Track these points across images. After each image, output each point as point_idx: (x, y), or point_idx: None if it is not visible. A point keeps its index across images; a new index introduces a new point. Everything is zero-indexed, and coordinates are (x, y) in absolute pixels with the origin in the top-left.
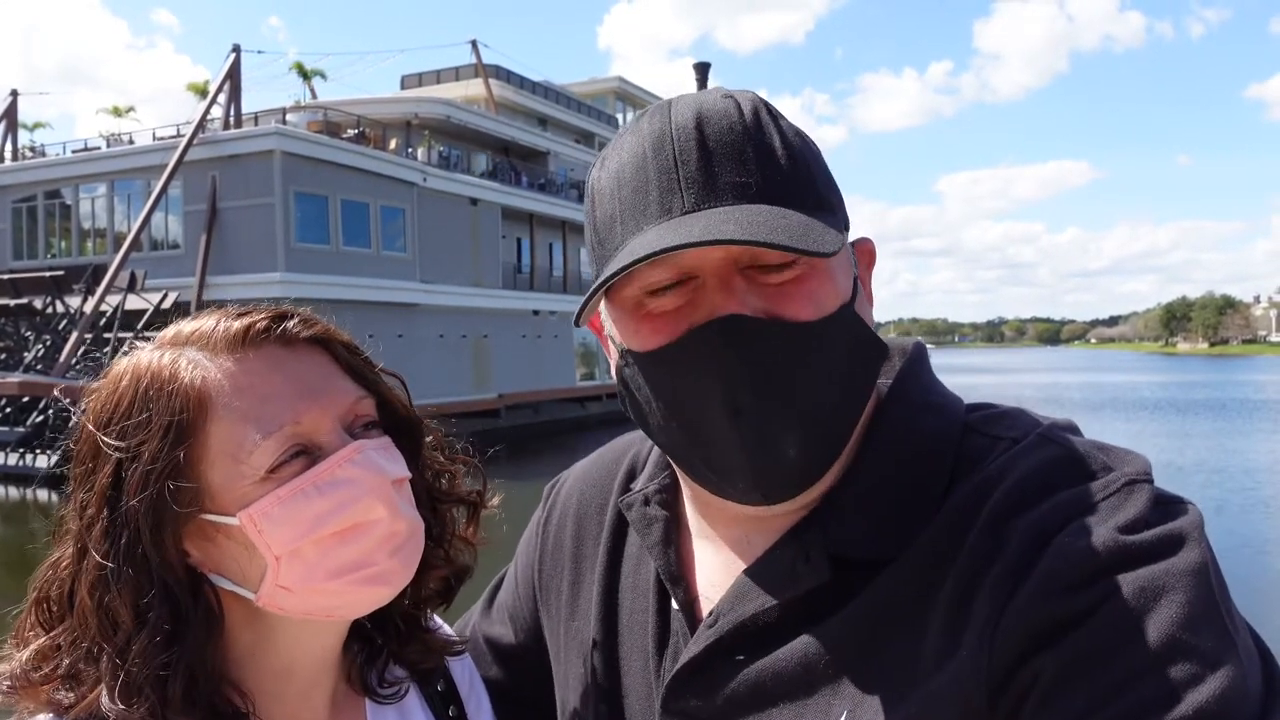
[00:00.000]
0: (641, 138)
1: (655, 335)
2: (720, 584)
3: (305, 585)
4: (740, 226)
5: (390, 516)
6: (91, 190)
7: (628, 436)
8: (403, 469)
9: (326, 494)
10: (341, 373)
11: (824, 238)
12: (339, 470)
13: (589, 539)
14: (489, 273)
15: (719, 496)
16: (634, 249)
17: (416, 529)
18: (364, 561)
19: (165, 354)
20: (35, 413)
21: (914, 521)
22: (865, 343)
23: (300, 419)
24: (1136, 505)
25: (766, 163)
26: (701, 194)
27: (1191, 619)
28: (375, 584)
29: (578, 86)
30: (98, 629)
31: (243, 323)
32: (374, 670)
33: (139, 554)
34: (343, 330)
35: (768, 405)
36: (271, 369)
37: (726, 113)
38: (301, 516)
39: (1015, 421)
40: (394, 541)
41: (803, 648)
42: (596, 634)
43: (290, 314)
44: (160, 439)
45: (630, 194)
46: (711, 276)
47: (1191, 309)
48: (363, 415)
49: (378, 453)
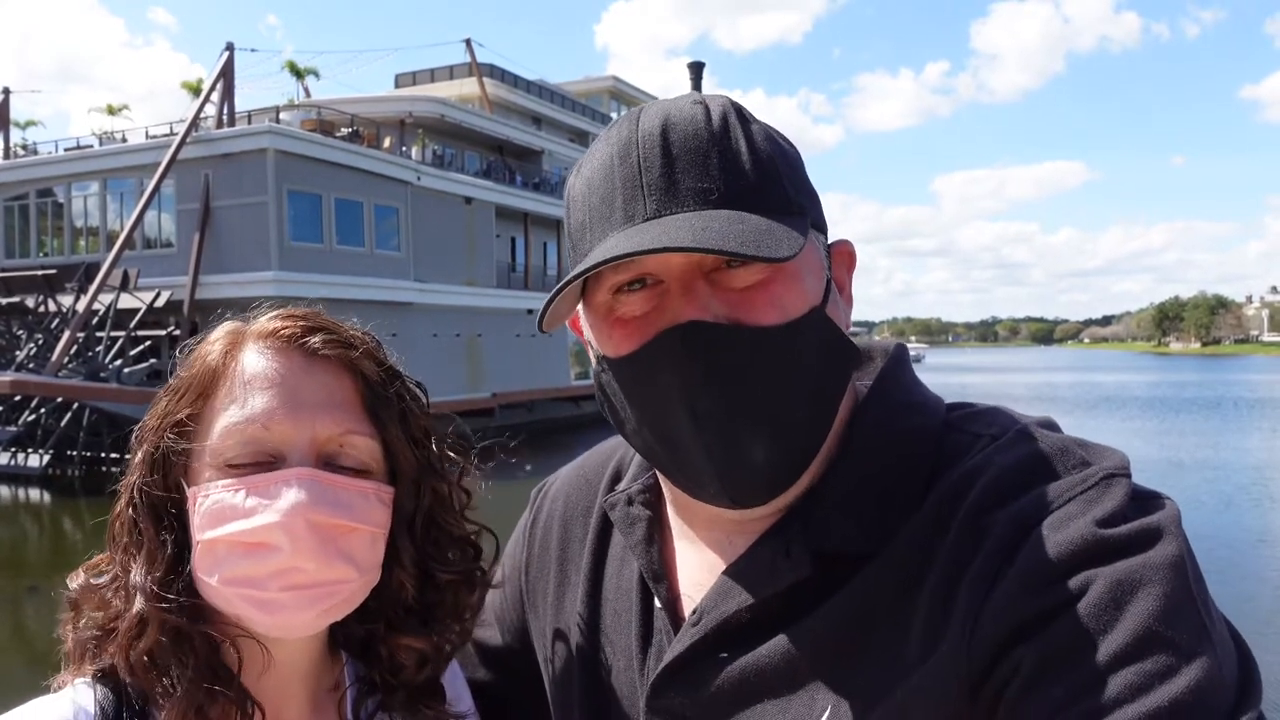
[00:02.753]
0: (610, 145)
1: (625, 341)
2: (702, 583)
3: (209, 579)
4: (693, 233)
5: (292, 552)
6: (84, 189)
7: (613, 440)
8: (349, 516)
9: (246, 503)
10: (355, 402)
11: (781, 242)
12: (269, 487)
13: (575, 541)
14: (483, 272)
15: (694, 499)
16: (595, 255)
17: (335, 578)
18: (255, 582)
19: (219, 332)
20: (27, 412)
21: (895, 516)
22: (835, 347)
23: (270, 427)
24: (1114, 499)
25: (730, 168)
26: (663, 200)
27: (1168, 612)
28: (263, 610)
29: (572, 85)
30: (128, 539)
31: (276, 324)
32: (362, 707)
33: (154, 484)
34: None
35: (727, 411)
36: (281, 373)
37: (693, 119)
38: (220, 513)
39: (994, 419)
40: (291, 578)
41: (786, 644)
42: (581, 634)
43: (323, 329)
44: (178, 398)
45: (598, 201)
46: (675, 282)
47: (1184, 309)
48: (346, 449)
49: (317, 487)
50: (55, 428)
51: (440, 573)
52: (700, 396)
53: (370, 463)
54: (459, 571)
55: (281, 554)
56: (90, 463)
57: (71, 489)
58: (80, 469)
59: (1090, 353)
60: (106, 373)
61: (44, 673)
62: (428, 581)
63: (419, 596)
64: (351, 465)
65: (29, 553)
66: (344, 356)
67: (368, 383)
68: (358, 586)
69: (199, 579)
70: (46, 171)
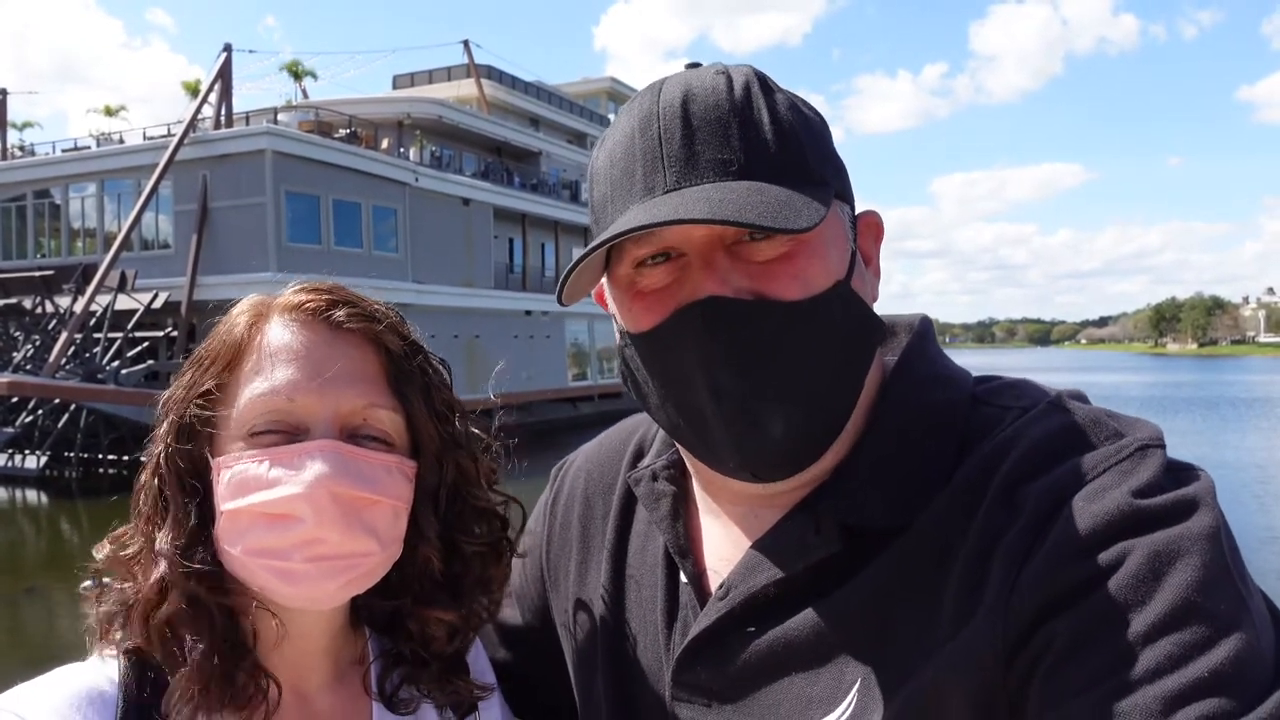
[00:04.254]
0: (632, 118)
1: (647, 315)
2: (729, 557)
3: (232, 550)
4: (710, 204)
5: (315, 523)
6: (81, 190)
7: (635, 418)
8: (371, 489)
9: (270, 474)
10: (378, 375)
11: (801, 213)
12: (293, 459)
13: (597, 518)
14: (481, 273)
15: (718, 473)
16: (615, 228)
17: (358, 550)
18: (278, 553)
19: (244, 304)
20: (24, 413)
21: (925, 490)
22: (860, 320)
23: (295, 399)
24: (1150, 470)
25: (751, 139)
26: (683, 172)
27: (1205, 582)
28: (285, 581)
29: (570, 87)
30: (152, 509)
31: (301, 297)
32: (388, 680)
33: (179, 454)
34: (420, 336)
35: (749, 386)
36: (306, 346)
37: (714, 89)
38: (244, 483)
39: (1024, 391)
40: (315, 549)
41: (815, 617)
42: (605, 610)
43: (347, 302)
44: (203, 370)
45: (620, 174)
46: (696, 255)
47: (1181, 310)
48: (370, 422)
49: (340, 459)
50: (52, 429)
51: (466, 545)
52: (720, 373)
53: (393, 436)
54: (485, 544)
55: (305, 525)
56: (87, 464)
57: (69, 490)
58: (77, 470)
59: (1087, 354)
60: (104, 374)
61: (41, 674)
62: (454, 554)
63: (445, 569)
64: (375, 438)
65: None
66: (368, 330)
67: (391, 356)
68: (380, 559)
69: (222, 549)
70: (44, 172)
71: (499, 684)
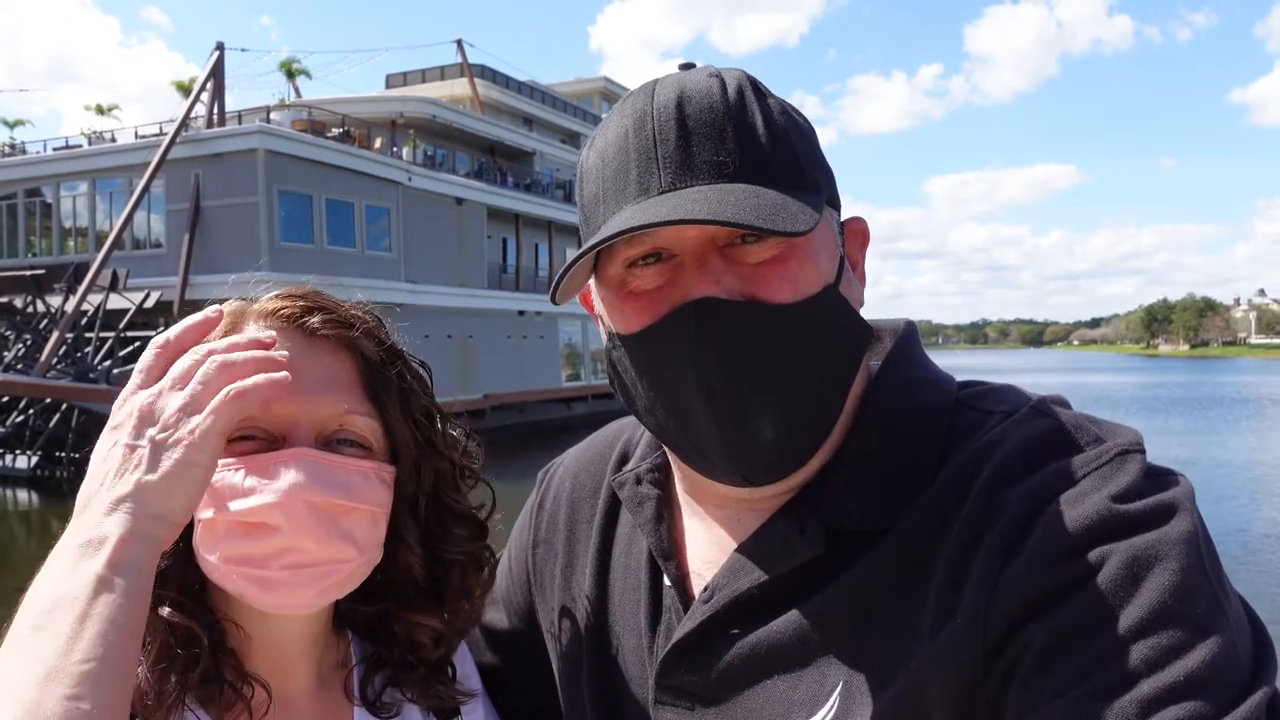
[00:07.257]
0: (625, 118)
1: (638, 316)
2: (712, 560)
3: (210, 557)
4: (708, 206)
5: (291, 532)
6: (73, 188)
7: (620, 422)
8: (348, 495)
9: (245, 483)
10: (354, 382)
11: (797, 217)
12: (268, 467)
13: (582, 522)
14: (474, 273)
15: (705, 477)
16: (609, 228)
17: (335, 557)
18: (256, 561)
19: (227, 307)
20: (15, 413)
21: (908, 493)
22: (848, 325)
23: (270, 407)
24: (1129, 475)
25: (746, 141)
26: (678, 173)
27: (1183, 587)
28: (263, 588)
29: (564, 87)
30: None
31: (276, 304)
32: (370, 684)
33: None
34: (398, 340)
35: (740, 388)
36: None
37: (709, 91)
38: (220, 492)
39: (1006, 396)
40: (291, 557)
41: (798, 619)
42: (589, 613)
43: (322, 309)
44: None
45: (613, 174)
46: (689, 256)
47: (1173, 311)
48: (347, 429)
49: (315, 467)
50: (44, 429)
51: (446, 551)
52: (713, 374)
53: (371, 442)
54: (465, 551)
55: (280, 534)
56: (79, 464)
57: (60, 490)
58: (69, 470)
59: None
60: (95, 373)
61: None
62: (435, 560)
63: (428, 574)
64: (352, 445)
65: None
66: (343, 336)
67: (368, 362)
68: (358, 565)
69: (200, 556)
70: (35, 171)
71: (484, 687)
